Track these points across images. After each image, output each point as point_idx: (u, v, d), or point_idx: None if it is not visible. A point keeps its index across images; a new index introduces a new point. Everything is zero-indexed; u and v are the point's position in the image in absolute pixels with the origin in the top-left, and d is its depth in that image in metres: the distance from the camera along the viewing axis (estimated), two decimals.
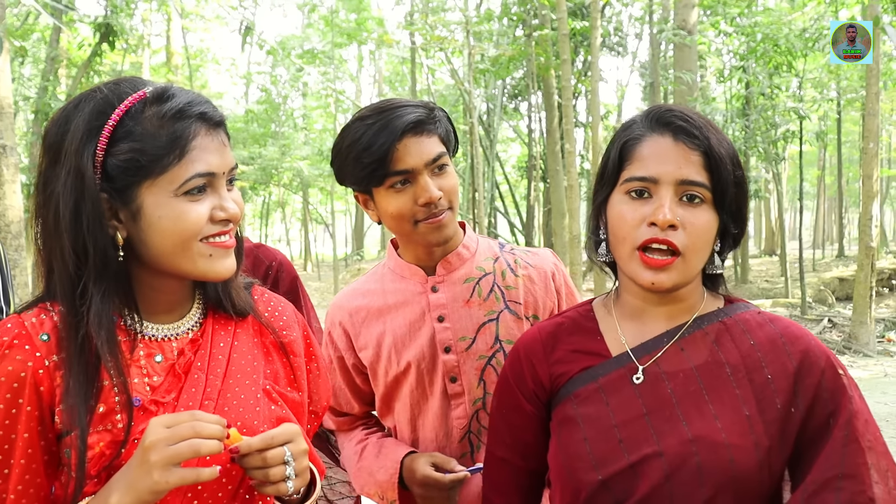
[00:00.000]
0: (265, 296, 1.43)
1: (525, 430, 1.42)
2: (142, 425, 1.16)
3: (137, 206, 1.16)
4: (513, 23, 16.51)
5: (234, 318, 1.33)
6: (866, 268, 10.64)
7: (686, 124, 1.29)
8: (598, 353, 1.37)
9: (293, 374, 1.37)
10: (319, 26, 24.83)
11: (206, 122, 1.19)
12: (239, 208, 1.23)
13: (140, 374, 1.21)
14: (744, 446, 1.22)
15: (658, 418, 1.26)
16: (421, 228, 1.69)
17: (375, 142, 1.63)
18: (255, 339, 1.35)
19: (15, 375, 1.13)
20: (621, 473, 1.24)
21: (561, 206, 13.25)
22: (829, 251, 28.77)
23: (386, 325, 1.82)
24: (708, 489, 1.20)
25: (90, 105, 1.16)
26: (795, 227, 31.98)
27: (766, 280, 19.77)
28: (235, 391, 1.25)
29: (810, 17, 15.66)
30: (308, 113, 28.04)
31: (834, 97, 19.30)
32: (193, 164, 1.16)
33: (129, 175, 1.15)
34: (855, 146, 29.38)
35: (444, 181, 1.69)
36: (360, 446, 1.90)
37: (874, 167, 10.78)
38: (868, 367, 9.91)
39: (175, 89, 1.20)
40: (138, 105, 1.16)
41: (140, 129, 1.15)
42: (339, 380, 1.92)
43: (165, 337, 1.26)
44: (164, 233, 1.16)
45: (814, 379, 1.26)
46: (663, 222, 1.24)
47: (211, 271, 1.21)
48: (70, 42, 16.17)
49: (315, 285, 24.65)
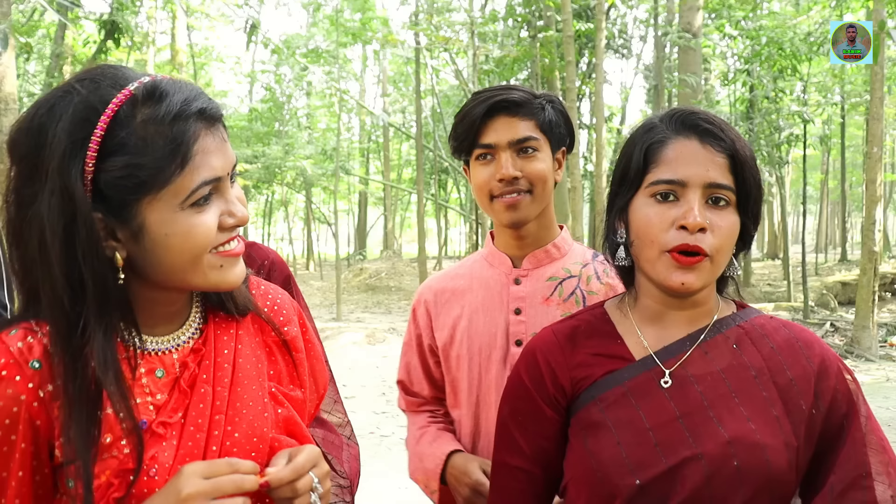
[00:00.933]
0: (262, 288, 1.34)
1: (545, 437, 1.39)
2: (150, 451, 1.08)
3: (139, 224, 1.04)
4: (517, 24, 16.50)
5: (235, 318, 1.24)
6: (869, 272, 10.62)
7: (712, 127, 1.29)
8: (621, 357, 1.35)
9: (295, 370, 1.30)
10: (324, 25, 24.84)
11: (206, 119, 1.06)
12: (244, 207, 1.14)
13: (143, 394, 1.11)
14: (777, 447, 1.23)
15: (692, 421, 1.26)
16: (496, 205, 1.77)
17: (471, 114, 1.75)
18: (257, 339, 1.26)
19: (7, 411, 1.01)
20: (660, 477, 1.23)
21: (564, 208, 13.24)
22: (832, 255, 28.75)
23: (464, 308, 1.86)
24: (747, 490, 1.20)
25: (68, 111, 1.01)
26: (798, 230, 31.94)
27: (769, 284, 19.75)
28: (244, 399, 1.17)
29: (815, 21, 15.66)
30: (312, 112, 28.08)
31: (838, 101, 19.28)
32: (198, 171, 1.04)
33: (126, 192, 1.02)
34: (859, 150, 29.36)
35: (528, 164, 1.74)
36: (420, 431, 1.93)
37: (878, 171, 10.76)
38: (870, 371, 9.89)
39: (165, 84, 1.05)
40: (126, 108, 1.02)
41: (134, 139, 1.01)
42: (415, 358, 1.97)
43: (166, 350, 1.16)
44: (172, 250, 1.06)
45: (830, 382, 1.28)
46: (694, 225, 1.24)
47: (223, 282, 1.13)
48: (75, 39, 16.19)
49: (317, 284, 24.65)
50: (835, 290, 16.25)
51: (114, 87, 1.03)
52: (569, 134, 1.85)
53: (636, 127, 1.40)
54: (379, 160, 36.21)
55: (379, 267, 25.33)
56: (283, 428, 1.22)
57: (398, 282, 22.73)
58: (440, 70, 22.17)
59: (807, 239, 18.90)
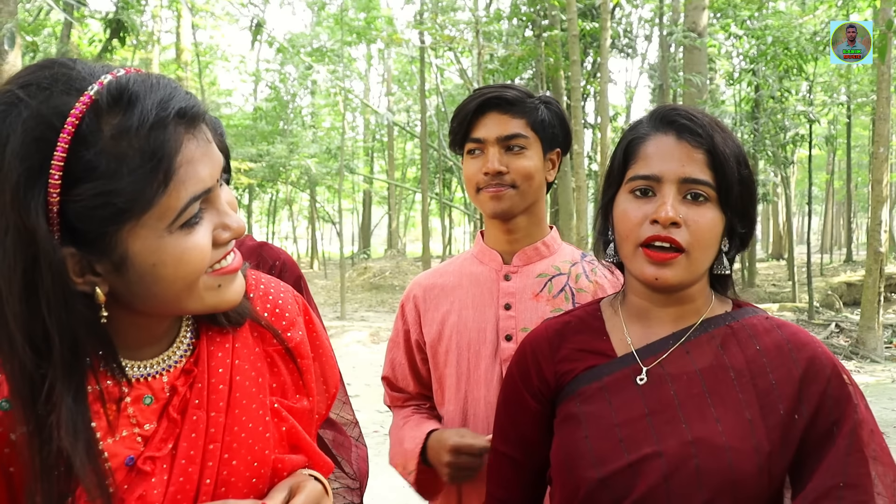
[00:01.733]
0: (261, 287, 1.19)
1: (529, 427, 1.43)
2: (138, 490, 0.96)
3: (120, 255, 0.87)
4: (522, 23, 16.48)
5: (229, 330, 1.10)
6: (875, 273, 10.59)
7: (690, 123, 1.29)
8: (604, 353, 1.37)
9: (301, 378, 1.17)
10: (329, 24, 24.88)
11: (187, 121, 0.89)
12: (237, 214, 1.00)
13: (129, 425, 0.98)
14: (743, 450, 1.21)
15: (659, 419, 1.26)
16: (481, 196, 1.81)
17: (465, 109, 1.81)
18: (257, 349, 1.12)
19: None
20: (620, 472, 1.24)
21: (569, 208, 13.23)
22: (837, 256, 28.68)
23: (453, 304, 1.88)
24: (706, 492, 1.20)
25: (17, 129, 0.81)
26: (803, 231, 31.85)
27: (774, 284, 19.71)
28: (242, 421, 1.05)
29: (821, 21, 15.61)
30: (316, 111, 28.13)
31: (844, 101, 19.23)
32: (185, 186, 0.87)
33: (102, 223, 0.84)
34: (864, 151, 29.28)
35: (514, 161, 1.78)
36: (404, 420, 1.94)
37: (884, 172, 10.73)
38: (875, 372, 9.87)
39: (133, 83, 0.86)
40: (90, 120, 0.82)
41: (104, 160, 0.82)
42: (401, 355, 1.98)
43: (155, 374, 1.02)
44: (163, 280, 0.91)
45: (819, 386, 1.25)
46: (665, 219, 1.24)
47: (222, 303, 0.99)
48: (80, 38, 16.22)
49: (321, 283, 24.67)
50: (840, 291, 16.21)
51: (68, 92, 0.84)
52: (564, 135, 1.88)
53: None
54: (383, 159, 36.25)
55: (383, 266, 25.35)
56: (287, 444, 1.13)
57: (402, 281, 22.75)
58: (445, 69, 22.15)
59: (812, 239, 18.85)
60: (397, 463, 1.89)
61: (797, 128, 15.07)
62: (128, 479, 0.95)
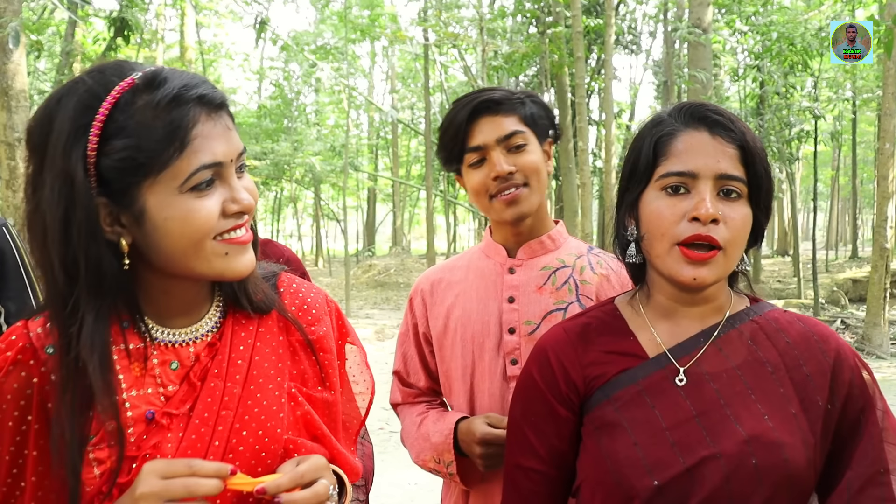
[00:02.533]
0: (293, 287, 1.32)
1: (559, 438, 1.36)
2: (153, 440, 1.09)
3: (140, 208, 1.04)
4: (526, 20, 16.47)
5: (256, 315, 1.23)
6: (880, 269, 10.56)
7: (721, 118, 1.28)
8: (635, 354, 1.33)
9: (323, 372, 1.26)
10: (333, 22, 24.85)
11: (206, 105, 1.06)
12: (253, 197, 1.12)
13: (154, 385, 1.12)
14: (794, 444, 1.21)
15: (709, 420, 1.24)
16: (495, 204, 1.78)
17: (454, 120, 1.78)
18: (281, 338, 1.24)
19: (21, 394, 1.07)
20: (678, 477, 1.21)
21: (573, 204, 13.21)
22: (843, 252, 28.62)
23: (458, 297, 1.88)
24: (767, 489, 1.19)
25: (74, 99, 1.03)
26: (808, 227, 31.78)
27: (779, 280, 19.66)
28: (257, 397, 1.16)
29: (826, 16, 15.56)
30: (321, 109, 28.11)
31: (849, 97, 19.16)
32: (197, 155, 1.04)
33: (127, 175, 1.02)
34: (870, 147, 29.20)
35: (520, 158, 1.77)
36: (420, 417, 1.93)
37: (889, 168, 10.69)
38: (881, 369, 9.84)
39: (167, 72, 1.06)
40: (128, 95, 1.03)
41: (133, 123, 1.02)
42: (412, 348, 1.98)
43: (182, 342, 1.16)
44: (172, 235, 1.05)
45: (846, 376, 1.27)
46: (706, 216, 1.22)
47: (228, 271, 1.11)
48: (85, 36, 16.25)
49: (326, 281, 24.68)
50: (845, 287, 16.16)
51: (118, 76, 1.05)
52: (552, 125, 1.88)
53: (644, 122, 1.39)
54: (388, 157, 36.26)
55: (388, 263, 25.35)
56: (306, 431, 1.21)
57: (407, 278, 22.74)
58: (449, 66, 22.16)
59: (817, 236, 18.81)
60: (428, 458, 1.85)
61: (802, 124, 15.03)
62: (146, 430, 1.09)
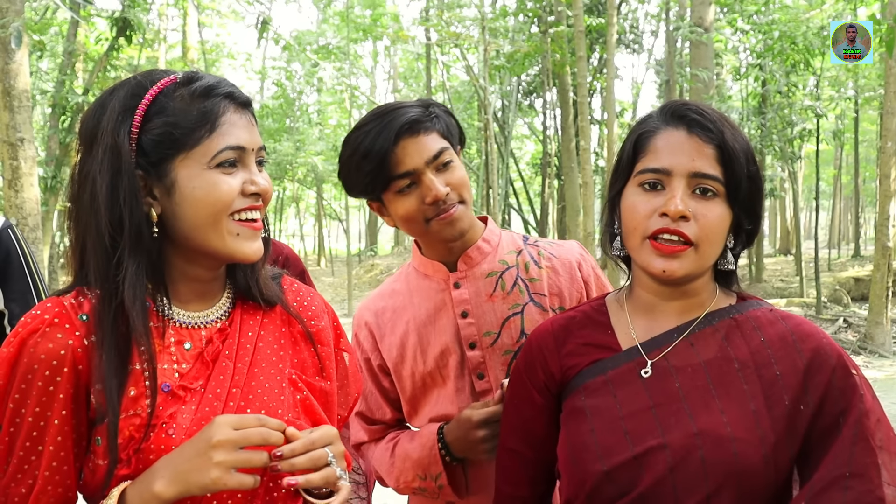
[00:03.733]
0: (294, 286, 1.45)
1: (536, 422, 1.44)
2: (170, 410, 1.18)
3: (172, 179, 1.20)
4: (528, 19, 16.47)
5: (262, 307, 1.35)
6: (882, 268, 10.55)
7: (700, 118, 1.30)
8: (609, 347, 1.38)
9: (321, 363, 1.38)
10: (335, 22, 24.87)
11: (234, 101, 1.24)
12: (269, 185, 1.27)
13: (170, 361, 1.23)
14: (749, 440, 1.22)
15: (664, 412, 1.27)
16: (433, 226, 1.68)
17: (373, 148, 1.63)
18: (283, 329, 1.36)
19: (55, 354, 1.15)
20: (625, 465, 1.25)
21: (575, 203, 13.21)
22: (845, 251, 28.56)
23: (409, 324, 1.81)
24: (711, 482, 1.20)
25: (125, 89, 1.22)
26: (811, 226, 31.73)
27: (781, 279, 19.64)
28: (261, 380, 1.27)
29: (828, 15, 15.55)
30: (323, 108, 28.11)
31: (851, 96, 19.14)
32: (224, 137, 1.21)
33: (163, 149, 1.19)
34: (872, 145, 29.14)
35: (451, 175, 1.67)
36: (391, 443, 1.85)
37: (892, 166, 10.67)
38: (884, 367, 9.84)
39: (203, 73, 1.26)
40: (170, 87, 1.21)
41: (172, 106, 1.20)
42: (369, 383, 1.88)
43: (196, 325, 1.28)
44: (197, 204, 1.19)
45: (824, 376, 1.25)
46: (675, 213, 1.25)
47: (238, 251, 1.24)
48: (87, 36, 16.27)
49: (328, 280, 24.72)
50: (848, 286, 16.14)
51: (164, 74, 1.24)
52: (460, 131, 1.78)
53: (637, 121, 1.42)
54: None
55: (390, 263, 25.36)
56: (304, 414, 1.30)
57: None
58: (451, 66, 22.16)
59: (820, 234, 18.79)
60: (411, 478, 1.78)
61: (804, 123, 15.01)
62: (163, 401, 1.19)
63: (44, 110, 18.17)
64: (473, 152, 22.67)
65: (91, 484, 1.18)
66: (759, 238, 21.35)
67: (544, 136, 20.09)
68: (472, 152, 22.74)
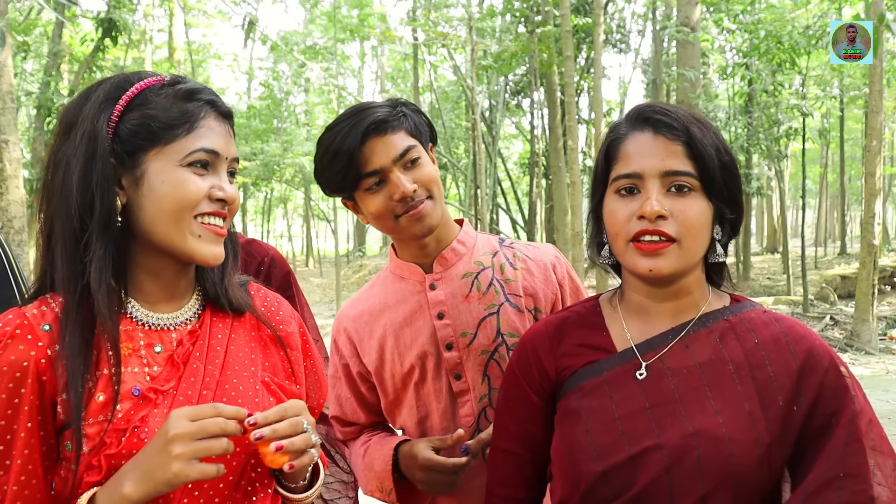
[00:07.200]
0: (261, 292, 1.45)
1: (532, 423, 1.44)
2: (141, 413, 1.18)
3: (142, 171, 1.20)
4: (515, 19, 16.47)
5: (231, 314, 1.35)
6: (868, 265, 10.63)
7: (665, 117, 1.32)
8: (604, 348, 1.39)
9: (291, 367, 1.39)
10: (322, 22, 24.83)
11: (216, 109, 1.27)
12: (236, 195, 1.28)
13: (140, 364, 1.22)
14: (744, 441, 1.23)
15: (660, 413, 1.28)
16: (402, 222, 1.71)
17: (342, 147, 1.67)
18: (253, 333, 1.36)
19: (17, 366, 1.13)
20: (621, 465, 1.26)
21: (563, 203, 13.23)
22: (832, 249, 28.75)
23: (386, 328, 1.82)
24: (707, 483, 1.21)
25: (111, 82, 1.25)
26: (797, 224, 31.95)
27: (768, 277, 19.75)
28: (234, 382, 1.27)
29: (814, 14, 15.65)
30: (310, 109, 28.06)
31: (837, 95, 19.26)
32: (200, 139, 1.22)
33: (139, 139, 1.20)
34: (858, 144, 29.35)
35: (418, 172, 1.70)
36: (364, 446, 1.88)
37: (877, 165, 10.77)
38: (870, 364, 9.91)
39: (189, 79, 1.29)
40: (156, 85, 1.24)
41: (155, 101, 1.22)
42: (345, 389, 1.91)
43: (165, 326, 1.27)
44: (163, 198, 1.20)
45: (817, 378, 1.26)
46: (650, 213, 1.27)
47: (198, 253, 1.24)
48: (72, 37, 16.17)
49: (317, 281, 24.67)
50: (834, 284, 16.26)
51: (152, 75, 1.27)
52: (431, 129, 1.81)
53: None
54: None
55: (378, 263, 25.33)
56: None
57: None
58: (438, 66, 22.16)
59: (806, 233, 18.90)
60: (374, 488, 1.82)
61: (790, 121, 15.12)
62: (134, 405, 1.18)
63: (29, 112, 18.06)
64: (461, 152, 22.67)
65: (63, 493, 1.16)
66: (747, 236, 21.37)
67: (532, 135, 20.10)
68: (460, 152, 22.75)
